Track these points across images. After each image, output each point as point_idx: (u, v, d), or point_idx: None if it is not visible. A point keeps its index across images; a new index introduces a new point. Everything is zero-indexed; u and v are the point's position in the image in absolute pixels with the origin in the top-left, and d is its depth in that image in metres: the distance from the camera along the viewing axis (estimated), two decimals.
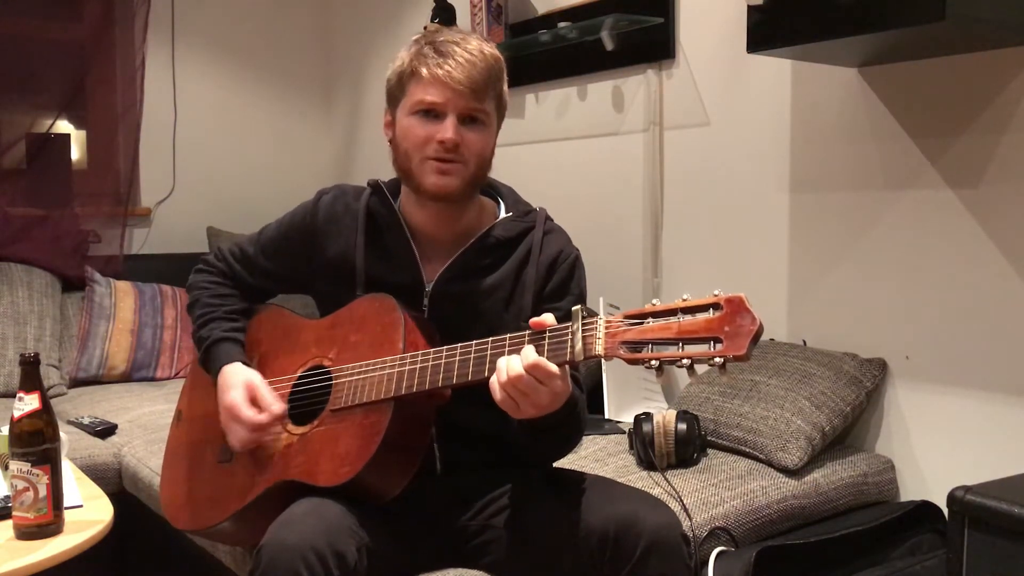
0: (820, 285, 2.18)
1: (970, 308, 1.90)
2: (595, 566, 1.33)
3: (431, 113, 1.45)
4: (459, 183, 1.46)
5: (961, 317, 1.92)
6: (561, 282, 1.53)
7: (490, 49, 1.48)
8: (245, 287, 1.68)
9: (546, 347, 1.25)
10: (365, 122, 3.74)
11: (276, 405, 1.48)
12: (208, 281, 1.69)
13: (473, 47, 1.45)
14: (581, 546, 1.34)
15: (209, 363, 1.59)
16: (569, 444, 1.48)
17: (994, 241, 1.86)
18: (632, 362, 1.17)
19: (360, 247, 1.54)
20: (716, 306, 1.13)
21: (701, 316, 1.14)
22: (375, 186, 1.58)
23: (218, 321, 1.62)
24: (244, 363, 1.56)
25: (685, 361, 1.13)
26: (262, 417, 1.46)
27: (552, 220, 1.59)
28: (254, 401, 1.48)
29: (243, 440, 1.49)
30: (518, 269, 1.53)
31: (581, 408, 1.42)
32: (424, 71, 1.44)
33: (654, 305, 1.18)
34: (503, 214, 1.57)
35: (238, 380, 1.51)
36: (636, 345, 1.17)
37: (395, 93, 1.51)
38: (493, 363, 1.28)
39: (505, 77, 1.52)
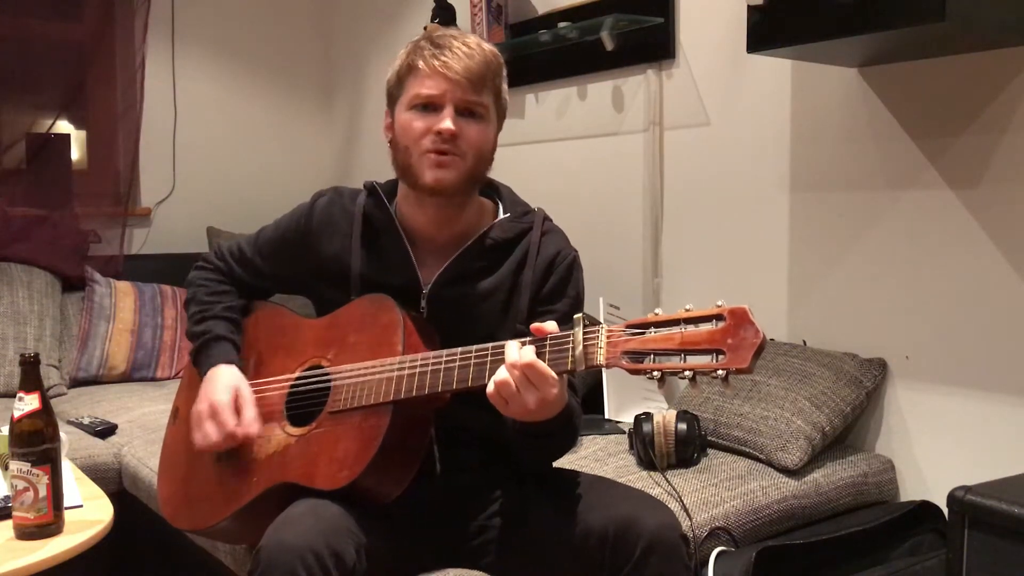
0: (820, 285, 2.18)
1: (970, 308, 1.90)
2: (594, 566, 1.33)
3: (429, 106, 1.45)
4: (456, 176, 1.45)
5: (961, 317, 1.92)
6: (558, 283, 1.52)
7: (488, 46, 1.49)
8: (242, 285, 1.69)
9: (547, 355, 1.24)
10: (365, 122, 3.73)
11: (255, 426, 1.48)
12: (206, 278, 1.70)
13: (471, 41, 1.46)
14: (580, 546, 1.34)
15: (201, 359, 1.59)
16: (559, 452, 1.48)
17: (994, 241, 1.86)
18: (634, 372, 1.17)
19: (355, 250, 1.54)
20: (719, 317, 1.12)
21: (704, 327, 1.13)
22: (370, 188, 1.58)
23: (214, 320, 1.63)
24: (238, 366, 1.57)
25: (687, 373, 1.13)
26: (239, 429, 1.47)
27: (551, 220, 1.58)
28: (237, 410, 1.49)
29: (210, 442, 1.49)
30: (516, 272, 1.52)
31: (576, 419, 1.42)
32: (421, 64, 1.45)
33: (656, 315, 1.17)
34: (502, 215, 1.57)
35: (229, 383, 1.52)
36: (638, 355, 1.17)
37: (394, 92, 1.51)
38: (493, 369, 1.27)
39: (504, 75, 1.51)
